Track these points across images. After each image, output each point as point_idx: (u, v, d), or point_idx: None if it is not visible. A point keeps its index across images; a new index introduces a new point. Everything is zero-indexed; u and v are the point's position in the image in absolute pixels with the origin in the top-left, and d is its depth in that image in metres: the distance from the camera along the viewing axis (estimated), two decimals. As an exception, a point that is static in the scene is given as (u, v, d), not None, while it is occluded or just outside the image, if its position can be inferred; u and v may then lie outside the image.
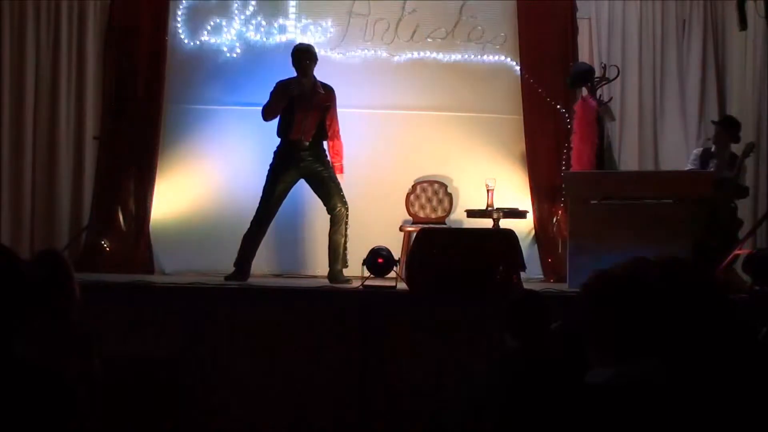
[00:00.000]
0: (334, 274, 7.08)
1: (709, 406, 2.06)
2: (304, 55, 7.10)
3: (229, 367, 5.89)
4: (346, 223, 7.10)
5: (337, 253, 7.09)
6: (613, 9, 8.70)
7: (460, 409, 3.58)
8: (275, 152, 7.14)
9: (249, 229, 7.11)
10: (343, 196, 7.11)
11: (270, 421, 5.82)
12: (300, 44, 7.31)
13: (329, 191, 7.11)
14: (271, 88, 7.20)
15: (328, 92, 7.17)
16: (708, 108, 8.47)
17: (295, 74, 7.12)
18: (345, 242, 7.11)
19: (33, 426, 2.11)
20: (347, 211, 7.10)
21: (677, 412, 2.05)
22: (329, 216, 7.12)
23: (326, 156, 7.19)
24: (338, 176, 7.17)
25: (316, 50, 7.22)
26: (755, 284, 6.21)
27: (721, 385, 2.10)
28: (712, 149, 7.36)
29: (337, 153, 7.21)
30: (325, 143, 7.18)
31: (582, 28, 8.53)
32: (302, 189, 7.34)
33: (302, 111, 7.04)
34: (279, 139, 7.16)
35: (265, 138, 7.38)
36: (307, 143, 7.08)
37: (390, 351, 5.87)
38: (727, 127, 7.36)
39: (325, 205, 7.16)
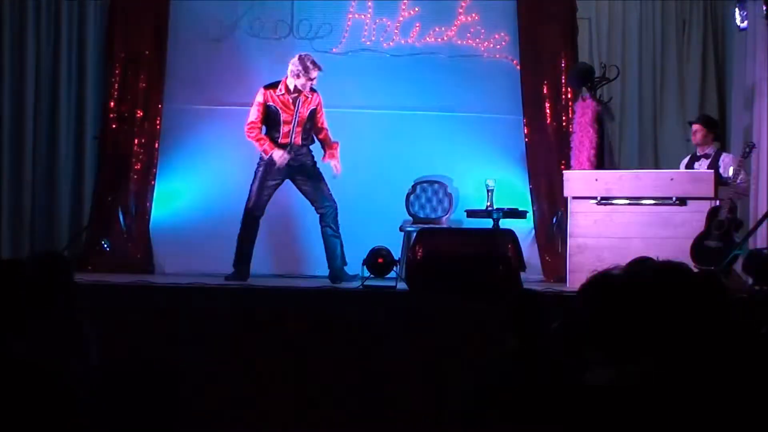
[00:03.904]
0: (336, 273, 7.09)
1: (709, 406, 2.06)
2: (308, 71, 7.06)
3: (230, 368, 5.88)
4: (336, 220, 7.12)
5: (335, 253, 7.11)
6: (613, 9, 8.69)
7: (460, 410, 3.58)
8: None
9: (241, 229, 7.14)
10: (330, 195, 7.14)
11: (270, 422, 5.82)
12: (311, 60, 7.24)
13: (316, 191, 7.14)
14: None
15: (314, 95, 7.19)
16: (708, 108, 8.46)
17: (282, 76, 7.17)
18: (340, 240, 7.13)
19: (33, 426, 2.11)
20: (336, 208, 7.13)
21: (677, 413, 2.05)
22: (319, 216, 7.14)
23: (313, 157, 7.21)
24: (334, 162, 7.17)
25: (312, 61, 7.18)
26: (755, 284, 6.21)
27: (721, 385, 2.10)
28: (697, 152, 7.37)
29: (328, 144, 7.23)
30: (311, 146, 7.21)
31: (582, 28, 8.52)
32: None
33: (290, 119, 7.08)
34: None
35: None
36: (296, 146, 7.11)
37: (390, 351, 5.87)
38: (712, 125, 7.40)
39: (312, 204, 7.20)
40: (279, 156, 7.02)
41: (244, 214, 7.14)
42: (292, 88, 7.10)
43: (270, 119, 7.14)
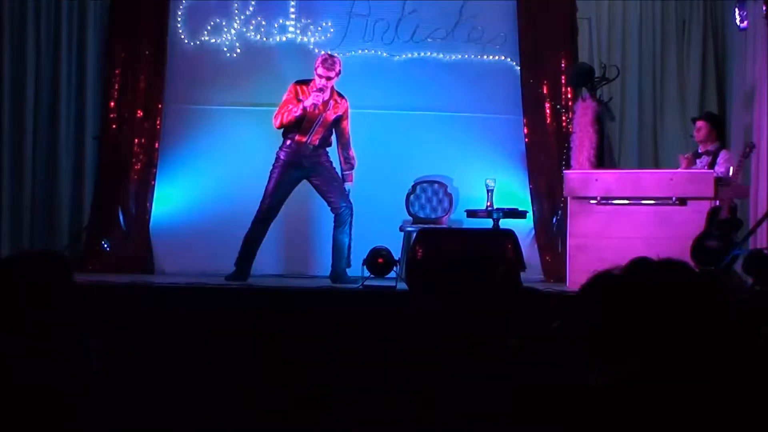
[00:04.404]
0: (339, 274, 7.08)
1: (709, 406, 2.06)
2: (322, 68, 7.06)
3: (229, 368, 5.88)
4: (351, 222, 7.11)
5: (342, 254, 7.10)
6: (613, 9, 8.69)
7: (460, 410, 3.58)
8: (278, 152, 7.15)
9: (250, 228, 7.12)
10: (347, 196, 7.14)
11: (269, 422, 5.82)
12: (325, 54, 7.26)
13: (333, 191, 7.13)
14: (270, 88, 7.23)
15: (343, 101, 7.19)
16: (708, 108, 8.46)
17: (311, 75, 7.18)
18: (350, 242, 7.12)
19: (33, 427, 2.11)
20: (352, 210, 7.12)
21: (677, 413, 2.05)
22: (334, 216, 7.12)
23: (329, 157, 7.21)
24: (348, 185, 7.20)
25: (340, 64, 7.16)
26: (755, 284, 6.21)
27: (722, 385, 2.10)
28: (699, 149, 7.38)
29: (349, 162, 7.23)
30: (328, 148, 7.21)
31: (582, 28, 8.53)
32: (304, 189, 7.35)
33: (315, 117, 7.05)
34: (281, 139, 7.17)
35: (266, 137, 7.40)
36: (312, 147, 7.10)
37: (390, 351, 5.87)
38: (715, 123, 7.41)
39: (329, 205, 7.18)
40: (312, 99, 6.98)
41: (257, 214, 7.12)
42: (320, 86, 7.08)
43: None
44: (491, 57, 8.53)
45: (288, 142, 7.11)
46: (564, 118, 8.24)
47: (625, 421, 2.05)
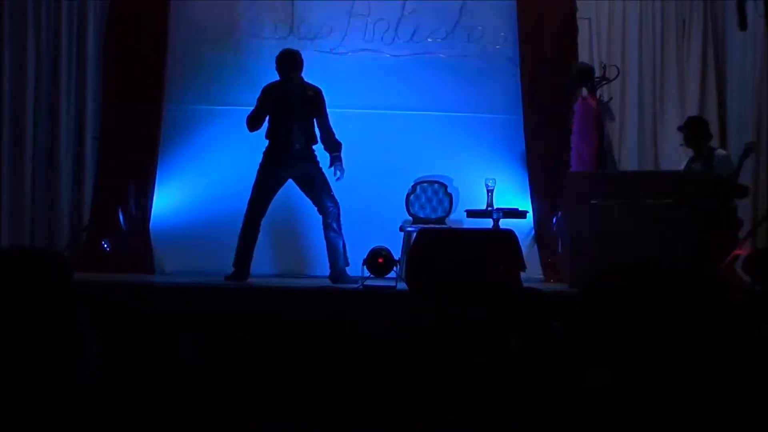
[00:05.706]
0: (338, 274, 7.07)
1: (709, 406, 2.06)
2: (284, 63, 7.08)
3: (229, 368, 5.88)
4: (339, 221, 7.10)
5: (337, 253, 7.09)
6: (613, 9, 8.70)
7: (460, 410, 3.58)
8: (264, 153, 7.14)
9: (241, 230, 7.11)
10: (333, 196, 7.10)
11: (269, 422, 5.82)
12: (283, 51, 7.27)
13: (319, 191, 7.10)
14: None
15: (316, 93, 7.16)
16: (708, 108, 8.47)
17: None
18: (343, 241, 7.11)
19: (33, 426, 2.11)
20: (339, 209, 7.10)
21: (678, 413, 2.06)
22: (322, 217, 7.12)
23: (315, 157, 7.18)
24: (340, 170, 7.15)
25: (300, 54, 7.16)
26: (755, 284, 6.21)
27: (722, 385, 2.10)
28: (692, 154, 7.39)
29: (332, 145, 7.18)
30: (314, 146, 7.19)
31: (582, 28, 8.54)
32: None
33: (291, 114, 7.04)
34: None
35: (265, 137, 7.38)
36: (298, 145, 7.07)
37: (389, 351, 5.87)
38: (695, 127, 7.40)
39: (315, 205, 7.16)
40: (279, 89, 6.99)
41: (246, 214, 7.11)
42: (289, 86, 7.08)
43: (272, 117, 7.11)
44: (491, 57, 8.53)
45: (273, 143, 7.09)
46: (564, 118, 8.23)
47: (624, 421, 2.06)
